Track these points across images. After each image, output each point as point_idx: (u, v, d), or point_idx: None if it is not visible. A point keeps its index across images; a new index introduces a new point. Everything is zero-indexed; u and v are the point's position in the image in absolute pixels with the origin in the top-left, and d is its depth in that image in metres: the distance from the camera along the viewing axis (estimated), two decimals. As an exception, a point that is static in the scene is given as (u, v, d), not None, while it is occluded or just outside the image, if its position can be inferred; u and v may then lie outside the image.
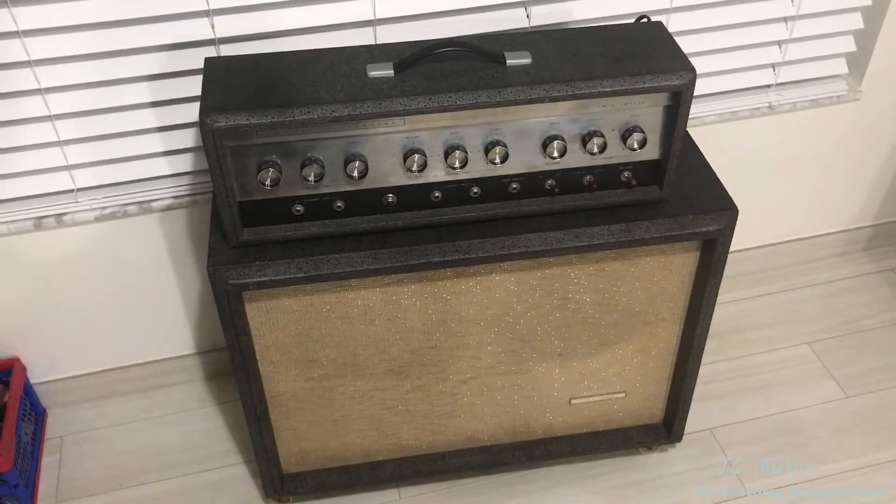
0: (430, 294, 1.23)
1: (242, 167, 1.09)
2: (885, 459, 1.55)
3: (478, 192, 1.17)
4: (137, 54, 1.30)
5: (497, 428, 1.45)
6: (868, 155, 1.81)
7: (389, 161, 1.12)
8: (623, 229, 1.20)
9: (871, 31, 1.61)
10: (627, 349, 1.37)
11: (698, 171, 1.28)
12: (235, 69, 1.11)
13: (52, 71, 1.28)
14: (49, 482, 1.54)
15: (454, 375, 1.34)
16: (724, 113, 1.61)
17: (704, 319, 1.32)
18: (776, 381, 1.69)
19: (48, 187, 1.40)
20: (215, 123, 1.03)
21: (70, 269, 1.49)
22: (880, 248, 1.97)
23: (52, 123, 1.33)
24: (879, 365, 1.72)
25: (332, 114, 1.04)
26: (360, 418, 1.38)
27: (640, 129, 1.14)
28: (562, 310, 1.29)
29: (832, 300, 1.86)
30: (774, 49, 1.59)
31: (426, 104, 1.06)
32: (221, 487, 1.53)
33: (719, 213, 1.21)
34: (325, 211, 1.15)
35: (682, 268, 1.28)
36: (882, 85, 1.68)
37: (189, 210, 1.47)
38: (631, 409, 1.48)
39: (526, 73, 1.10)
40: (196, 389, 1.70)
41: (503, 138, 1.12)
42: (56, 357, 1.62)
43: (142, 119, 1.36)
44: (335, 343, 1.26)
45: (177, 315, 1.62)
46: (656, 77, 1.09)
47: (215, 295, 1.15)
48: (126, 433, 1.63)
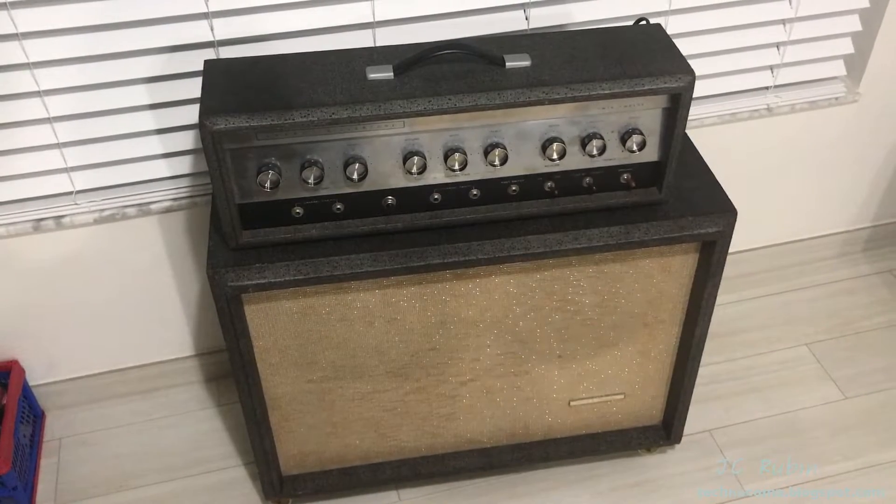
0: (430, 296, 1.23)
1: (242, 169, 1.09)
2: (885, 460, 1.55)
3: (477, 194, 1.17)
4: (137, 56, 1.30)
5: (496, 430, 1.45)
6: (866, 156, 1.81)
7: (389, 163, 1.12)
8: (622, 231, 1.20)
9: (869, 33, 1.61)
10: (627, 351, 1.37)
11: (697, 173, 1.29)
12: (235, 71, 1.11)
13: (51, 73, 1.28)
14: (48, 485, 1.54)
15: (453, 377, 1.34)
16: (723, 115, 1.61)
17: (703, 321, 1.32)
18: (775, 383, 1.69)
19: (47, 189, 1.39)
20: (215, 126, 1.03)
21: (69, 272, 1.49)
22: (879, 249, 1.97)
23: (51, 125, 1.33)
24: (878, 366, 1.72)
25: (332, 116, 1.04)
26: (359, 420, 1.38)
27: (639, 131, 1.14)
28: (561, 311, 1.29)
29: (831, 301, 1.86)
30: (773, 51, 1.59)
31: (426, 106, 1.06)
32: (221, 490, 1.53)
33: (718, 215, 1.21)
34: (325, 213, 1.15)
35: (681, 269, 1.28)
36: (880, 87, 1.69)
37: (188, 212, 1.47)
38: (630, 411, 1.48)
39: (525, 75, 1.10)
40: (195, 392, 1.70)
41: (503, 140, 1.12)
42: (55, 359, 1.61)
43: (141, 121, 1.36)
44: (334, 345, 1.26)
45: (176, 317, 1.62)
46: (655, 79, 1.09)
47: (214, 297, 1.15)
48: (125, 435, 1.62)
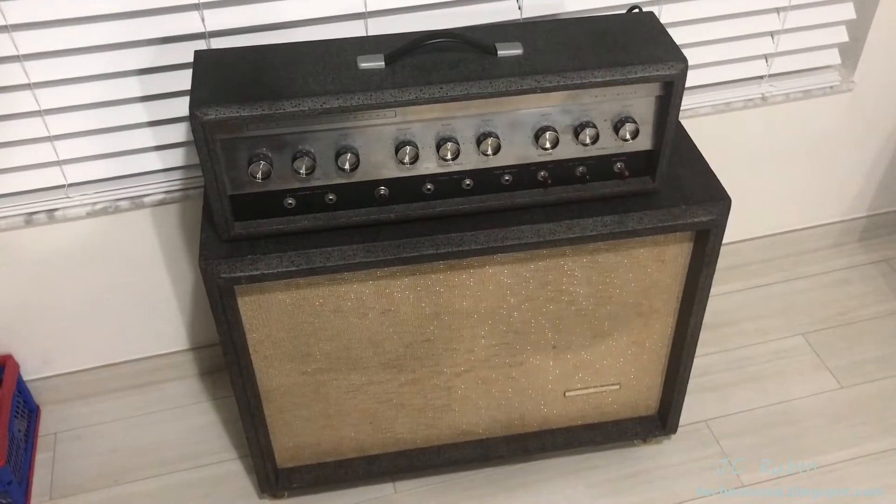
0: (424, 287, 1.23)
1: (233, 160, 1.08)
2: (880, 450, 1.55)
3: (470, 183, 1.16)
4: (128, 48, 1.30)
5: (492, 421, 1.45)
6: (861, 145, 1.81)
7: (381, 153, 1.11)
8: (616, 220, 1.19)
9: (864, 22, 1.61)
10: (621, 341, 1.37)
11: (691, 162, 1.28)
12: (225, 62, 1.10)
13: (42, 66, 1.27)
14: (43, 479, 1.54)
15: (448, 369, 1.34)
16: (717, 104, 1.61)
17: (698, 311, 1.32)
18: (771, 373, 1.69)
19: (39, 183, 1.39)
20: (205, 116, 1.02)
21: (62, 265, 1.48)
22: (874, 238, 1.97)
23: (43, 118, 1.33)
24: (874, 356, 1.72)
25: (323, 106, 1.04)
26: (354, 412, 1.37)
27: (632, 119, 1.14)
28: (555, 302, 1.29)
29: (826, 291, 1.86)
30: (767, 40, 1.58)
31: (417, 95, 1.05)
32: (216, 483, 1.53)
33: (712, 204, 1.21)
34: (317, 204, 1.15)
35: (675, 259, 1.28)
36: (874, 75, 1.68)
37: (181, 205, 1.47)
38: (625, 402, 1.48)
39: (518, 63, 1.09)
40: (190, 386, 1.69)
41: (495, 130, 1.12)
42: (49, 354, 1.61)
43: (133, 113, 1.36)
44: (328, 337, 1.26)
45: (170, 311, 1.62)
46: (648, 67, 1.09)
47: (207, 289, 1.15)
48: (120, 430, 1.62)
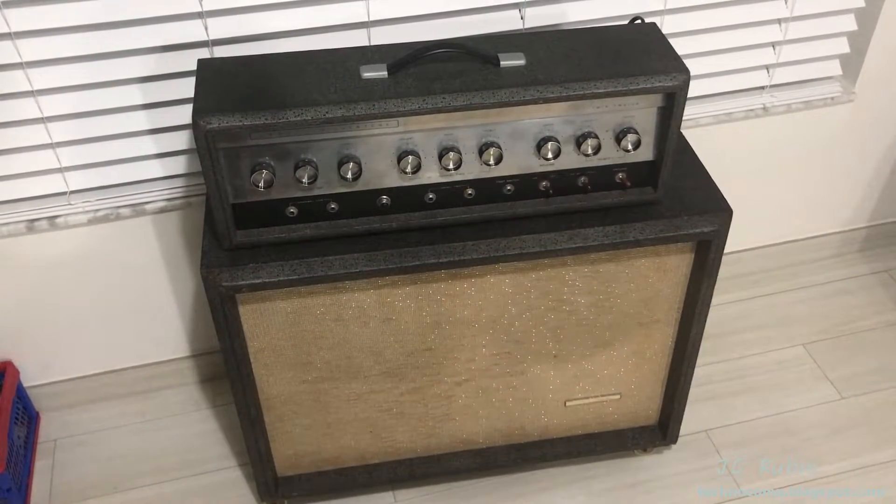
0: (425, 296, 1.23)
1: (235, 169, 1.09)
2: (881, 460, 1.55)
3: (472, 193, 1.16)
4: (130, 56, 1.30)
5: (492, 430, 1.45)
6: (862, 156, 1.81)
7: (383, 162, 1.12)
8: (617, 231, 1.20)
9: (865, 33, 1.61)
10: (622, 351, 1.37)
11: (693, 173, 1.28)
12: (228, 71, 1.11)
13: (44, 73, 1.28)
14: (42, 486, 1.54)
15: (449, 378, 1.34)
16: (718, 114, 1.61)
17: (699, 321, 1.32)
18: (771, 383, 1.69)
19: (41, 190, 1.39)
20: (208, 125, 1.02)
21: (63, 272, 1.48)
22: (875, 249, 1.97)
23: (45, 125, 1.33)
24: (874, 366, 1.72)
25: (326, 115, 1.04)
26: (354, 421, 1.37)
27: (634, 130, 1.14)
28: (556, 311, 1.29)
29: (827, 302, 1.86)
30: (768, 50, 1.59)
31: (420, 105, 1.05)
32: (216, 491, 1.53)
33: (714, 214, 1.21)
34: (319, 213, 1.15)
35: (676, 269, 1.28)
36: (876, 86, 1.69)
37: (182, 212, 1.47)
38: (626, 411, 1.48)
39: (520, 74, 1.09)
40: (190, 393, 1.69)
41: (497, 140, 1.12)
42: (49, 360, 1.61)
43: (135, 121, 1.36)
44: (329, 345, 1.26)
45: (171, 318, 1.62)
46: (650, 78, 1.09)
47: (209, 297, 1.15)
48: (120, 437, 1.62)
